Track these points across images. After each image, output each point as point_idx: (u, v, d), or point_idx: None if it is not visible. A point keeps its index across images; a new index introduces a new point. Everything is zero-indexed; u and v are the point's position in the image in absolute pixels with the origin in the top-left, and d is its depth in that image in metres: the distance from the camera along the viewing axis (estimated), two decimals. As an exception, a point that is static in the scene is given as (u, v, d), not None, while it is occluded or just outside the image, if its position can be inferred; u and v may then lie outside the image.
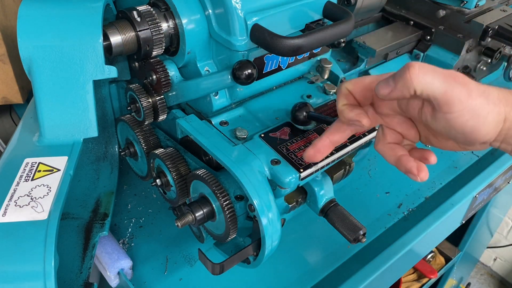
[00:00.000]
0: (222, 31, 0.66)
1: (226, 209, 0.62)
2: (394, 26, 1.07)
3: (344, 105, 0.54)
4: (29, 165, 0.61)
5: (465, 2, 1.01)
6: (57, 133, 0.65)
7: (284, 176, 0.61)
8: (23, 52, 0.61)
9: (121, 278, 0.75)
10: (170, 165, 0.71)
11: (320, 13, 0.72)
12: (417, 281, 1.58)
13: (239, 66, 0.62)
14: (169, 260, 0.79)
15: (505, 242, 2.41)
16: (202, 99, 0.72)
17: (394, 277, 0.90)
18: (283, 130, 0.68)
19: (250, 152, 0.64)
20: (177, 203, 0.73)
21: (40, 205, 0.56)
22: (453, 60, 1.01)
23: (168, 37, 0.68)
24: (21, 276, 0.52)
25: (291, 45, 0.61)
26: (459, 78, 0.46)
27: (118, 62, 0.81)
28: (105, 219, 0.78)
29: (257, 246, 0.64)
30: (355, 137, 0.69)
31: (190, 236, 0.82)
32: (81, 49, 0.62)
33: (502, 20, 1.02)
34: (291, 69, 0.77)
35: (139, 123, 0.77)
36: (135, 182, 0.94)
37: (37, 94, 0.63)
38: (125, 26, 0.65)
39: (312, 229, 0.86)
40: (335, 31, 0.65)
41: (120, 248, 0.77)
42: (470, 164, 1.04)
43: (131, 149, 0.82)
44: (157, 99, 0.72)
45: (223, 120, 0.70)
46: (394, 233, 0.86)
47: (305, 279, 0.78)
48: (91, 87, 0.64)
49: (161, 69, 0.69)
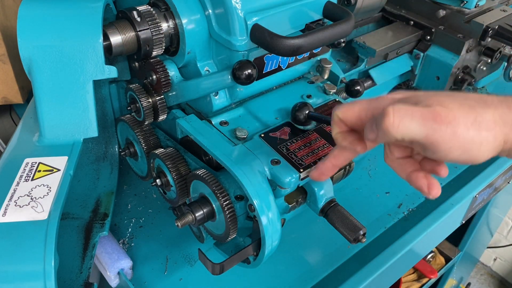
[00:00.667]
0: (222, 31, 0.66)
1: (226, 209, 0.62)
2: (394, 26, 1.07)
3: (337, 133, 0.53)
4: (29, 165, 0.61)
5: (465, 2, 1.01)
6: (57, 133, 0.65)
7: (284, 176, 0.61)
8: (23, 52, 0.61)
9: (121, 278, 0.75)
10: (170, 165, 0.71)
11: (320, 13, 0.72)
12: (417, 281, 1.58)
13: (239, 66, 0.62)
14: (169, 260, 0.79)
15: (505, 242, 2.41)
16: (202, 99, 0.72)
17: (394, 277, 0.90)
18: (283, 130, 0.68)
19: (250, 152, 0.64)
20: (177, 203, 0.73)
21: (40, 205, 0.56)
22: (453, 60, 1.01)
23: (168, 37, 0.68)
24: (21, 276, 0.52)
25: (291, 45, 0.61)
26: (440, 116, 0.43)
27: (118, 62, 0.81)
28: (105, 219, 0.78)
29: (257, 246, 0.64)
30: (355, 137, 0.69)
31: (190, 236, 0.82)
32: (81, 49, 0.62)
33: (502, 20, 1.02)
34: (291, 69, 0.77)
35: (139, 123, 0.77)
36: (135, 182, 0.94)
37: (37, 94, 0.63)
38: (125, 26, 0.65)
39: (312, 229, 0.86)
40: (335, 31, 0.65)
41: (120, 248, 0.77)
42: (470, 164, 1.04)
43: (131, 149, 0.82)
44: (157, 99, 0.72)
45: (223, 120, 0.70)
46: (394, 233, 0.86)
47: (305, 279, 0.78)
48: (91, 87, 0.64)
49: (161, 69, 0.69)
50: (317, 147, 0.66)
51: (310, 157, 0.64)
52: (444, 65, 1.02)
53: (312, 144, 0.67)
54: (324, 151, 0.66)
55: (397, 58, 1.05)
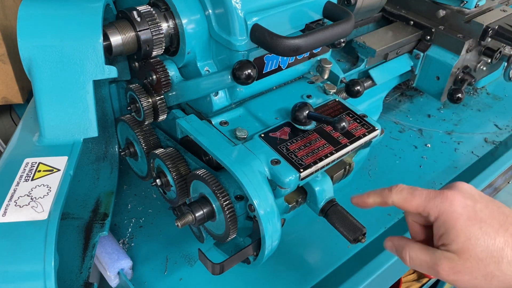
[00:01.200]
0: (222, 31, 0.66)
1: (226, 209, 0.62)
2: (394, 26, 1.07)
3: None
4: (29, 165, 0.61)
5: (465, 2, 1.01)
6: (57, 133, 0.65)
7: (284, 176, 0.61)
8: (23, 52, 0.61)
9: (121, 278, 0.75)
10: (170, 165, 0.71)
11: (320, 13, 0.72)
12: (417, 281, 1.58)
13: (239, 66, 0.62)
14: (169, 260, 0.79)
15: (505, 242, 2.41)
16: (202, 99, 0.72)
17: (394, 277, 0.89)
18: (283, 130, 0.68)
19: (250, 152, 0.64)
20: (177, 203, 0.73)
21: (40, 205, 0.56)
22: (453, 60, 1.01)
23: (168, 37, 0.68)
24: (21, 276, 0.52)
25: (291, 45, 0.61)
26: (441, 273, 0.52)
27: (118, 62, 0.81)
28: (105, 219, 0.78)
29: (257, 246, 0.64)
30: (355, 137, 0.69)
31: (190, 236, 0.82)
32: (81, 49, 0.62)
33: (502, 20, 1.02)
34: (291, 69, 0.77)
35: (139, 123, 0.77)
36: (135, 182, 0.94)
37: (37, 94, 0.63)
38: (125, 26, 0.65)
39: (312, 229, 0.85)
40: (335, 31, 0.65)
41: (120, 248, 0.77)
42: (470, 164, 1.04)
43: (131, 149, 0.82)
44: (157, 99, 0.72)
45: (223, 120, 0.70)
46: (394, 233, 0.85)
47: (305, 279, 0.78)
48: (91, 87, 0.64)
49: (161, 69, 0.69)
50: (317, 147, 0.66)
51: (310, 157, 0.64)
52: (444, 65, 1.02)
53: (312, 144, 0.67)
54: (324, 151, 0.66)
55: (397, 58, 1.05)
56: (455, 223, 0.51)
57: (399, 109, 1.22)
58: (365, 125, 0.71)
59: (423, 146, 1.09)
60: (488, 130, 1.16)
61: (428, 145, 1.09)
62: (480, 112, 1.23)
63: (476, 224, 0.51)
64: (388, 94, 1.18)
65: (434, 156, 1.06)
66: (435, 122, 1.17)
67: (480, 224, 0.51)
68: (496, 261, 0.49)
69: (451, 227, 0.51)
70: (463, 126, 1.17)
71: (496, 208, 0.53)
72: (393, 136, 1.11)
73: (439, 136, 1.12)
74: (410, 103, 1.25)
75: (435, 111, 1.21)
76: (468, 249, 0.50)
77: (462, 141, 1.11)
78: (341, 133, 0.68)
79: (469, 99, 1.27)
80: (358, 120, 0.72)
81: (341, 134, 0.68)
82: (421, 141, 1.10)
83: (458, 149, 1.09)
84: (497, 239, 0.50)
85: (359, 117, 0.72)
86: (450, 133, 1.14)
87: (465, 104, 1.25)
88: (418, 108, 1.22)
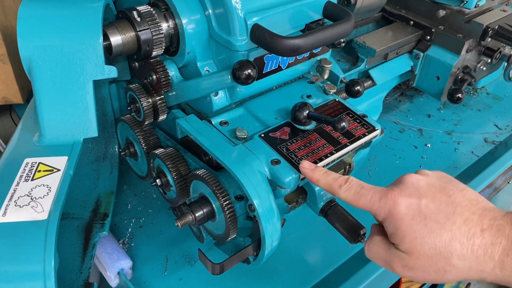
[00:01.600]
0: (222, 31, 0.66)
1: (226, 209, 0.62)
2: (394, 26, 1.07)
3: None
4: (29, 165, 0.61)
5: (465, 2, 1.01)
6: (57, 133, 0.65)
7: (284, 176, 0.61)
8: (23, 52, 0.61)
9: (121, 278, 0.75)
10: (170, 165, 0.71)
11: (320, 13, 0.72)
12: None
13: (239, 66, 0.62)
14: (169, 260, 0.79)
15: (505, 242, 2.41)
16: (202, 99, 0.72)
17: (394, 277, 0.89)
18: (283, 130, 0.68)
19: (250, 152, 0.64)
20: (177, 203, 0.73)
21: (40, 205, 0.56)
22: (453, 60, 1.01)
23: (168, 37, 0.68)
24: (21, 276, 0.52)
25: (291, 45, 0.61)
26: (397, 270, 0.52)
27: (118, 62, 0.82)
28: (105, 219, 0.78)
29: (257, 246, 0.64)
30: (355, 137, 0.69)
31: (190, 236, 0.82)
32: (81, 49, 0.62)
33: (502, 20, 1.02)
34: (291, 69, 0.77)
35: (139, 123, 0.77)
36: (135, 182, 0.94)
37: (37, 94, 0.63)
38: (125, 26, 0.65)
39: (312, 229, 0.86)
40: (335, 31, 0.65)
41: (120, 248, 0.77)
42: (470, 164, 1.04)
43: (131, 149, 0.82)
44: (157, 99, 0.72)
45: (223, 120, 0.70)
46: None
47: (305, 279, 0.78)
48: (91, 87, 0.64)
49: (161, 69, 0.69)
50: (317, 147, 0.66)
51: (310, 157, 0.64)
52: (444, 65, 1.02)
53: (312, 144, 0.67)
54: (324, 151, 0.66)
55: (397, 58, 1.05)
56: (400, 224, 0.50)
57: (399, 109, 1.22)
58: (365, 125, 0.71)
59: (423, 146, 1.09)
60: (488, 130, 1.16)
61: (428, 145, 1.09)
62: (480, 112, 1.23)
63: (421, 222, 0.49)
64: (388, 94, 1.18)
65: (434, 156, 1.06)
66: (435, 122, 1.17)
67: (425, 222, 0.49)
68: (445, 256, 0.48)
69: (397, 228, 0.50)
70: (463, 126, 1.17)
71: (445, 198, 0.50)
72: (393, 136, 1.11)
73: (439, 136, 1.13)
74: (410, 103, 1.25)
75: (435, 111, 1.21)
76: (416, 249, 0.49)
77: (462, 141, 1.11)
78: (341, 133, 0.68)
79: (469, 99, 1.27)
80: (358, 120, 0.72)
81: (341, 134, 0.68)
82: (421, 141, 1.11)
83: (458, 149, 1.09)
84: (443, 235, 0.48)
85: (359, 117, 0.72)
86: (450, 133, 1.14)
87: (465, 104, 1.25)
88: (418, 108, 1.22)
